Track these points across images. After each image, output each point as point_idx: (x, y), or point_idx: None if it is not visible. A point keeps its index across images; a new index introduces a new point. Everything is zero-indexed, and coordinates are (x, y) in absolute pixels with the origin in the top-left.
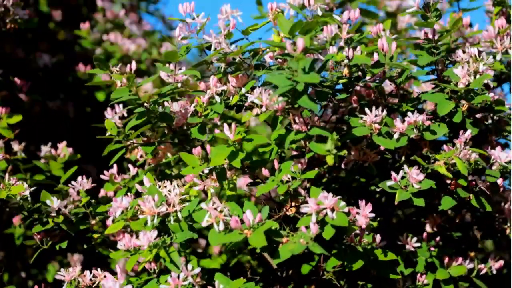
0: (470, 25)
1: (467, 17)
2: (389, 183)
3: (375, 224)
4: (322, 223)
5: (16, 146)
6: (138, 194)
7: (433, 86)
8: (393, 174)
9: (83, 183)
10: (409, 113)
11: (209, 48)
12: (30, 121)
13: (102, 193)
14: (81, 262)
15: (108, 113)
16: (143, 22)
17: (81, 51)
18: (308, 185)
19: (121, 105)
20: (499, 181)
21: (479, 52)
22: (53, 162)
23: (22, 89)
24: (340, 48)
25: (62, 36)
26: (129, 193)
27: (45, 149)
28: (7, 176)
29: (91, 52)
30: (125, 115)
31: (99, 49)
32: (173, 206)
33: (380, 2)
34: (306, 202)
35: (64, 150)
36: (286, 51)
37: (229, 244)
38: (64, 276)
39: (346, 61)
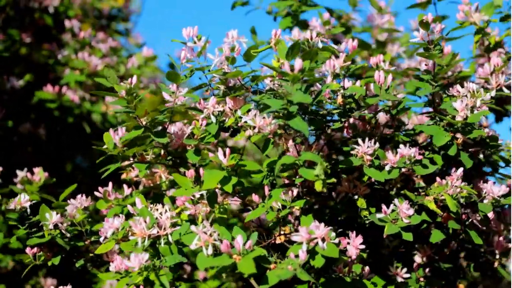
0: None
1: (448, 47)
2: (379, 215)
3: (365, 255)
4: (312, 252)
5: None
6: (129, 215)
7: (428, 118)
8: (384, 207)
9: (82, 200)
10: (401, 146)
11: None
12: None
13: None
14: (55, 286)
15: (112, 135)
16: (110, 39)
17: (51, 71)
18: (298, 214)
19: (123, 128)
20: (490, 214)
21: (477, 88)
22: (29, 186)
23: None
24: (336, 76)
25: (33, 58)
26: (120, 214)
27: (21, 174)
28: None
29: (61, 73)
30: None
31: (68, 69)
32: (164, 229)
33: (374, 30)
34: (296, 230)
35: (40, 174)
36: (283, 75)
37: (217, 268)
38: None
39: (342, 91)
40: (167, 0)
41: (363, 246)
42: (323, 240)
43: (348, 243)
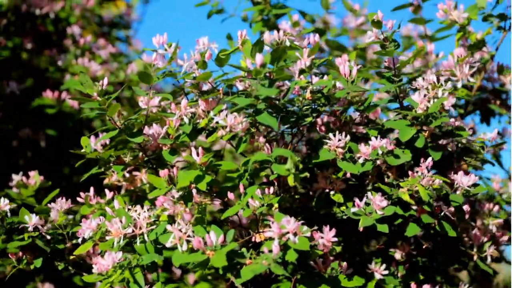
0: (437, 55)
1: (432, 45)
2: (353, 209)
3: (338, 248)
4: (285, 246)
5: None
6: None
7: (396, 114)
8: (357, 200)
9: (62, 203)
10: (373, 138)
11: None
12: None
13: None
14: None
15: (92, 140)
16: (110, 46)
17: (51, 77)
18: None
19: (104, 133)
20: (465, 207)
21: (438, 79)
22: (24, 190)
23: None
24: (302, 72)
25: (34, 64)
26: (102, 217)
27: (16, 178)
28: None
29: (59, 78)
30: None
31: (68, 75)
32: (140, 228)
33: (350, 33)
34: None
35: (35, 177)
36: (248, 71)
37: (192, 264)
38: None
39: (310, 86)
40: (168, 3)
41: (335, 239)
42: (294, 234)
43: (322, 237)
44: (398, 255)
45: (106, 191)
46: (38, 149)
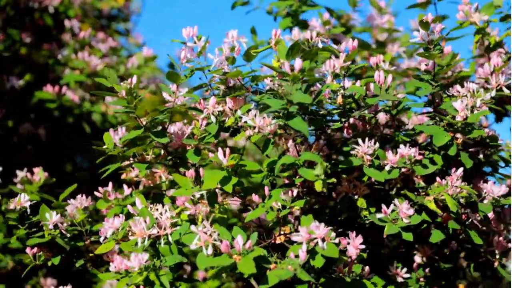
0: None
1: (449, 47)
2: (379, 215)
3: (365, 255)
4: (312, 252)
5: None
6: (129, 215)
7: (428, 118)
8: (384, 207)
9: (82, 200)
10: (401, 146)
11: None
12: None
13: None
14: (55, 286)
15: (113, 136)
16: (109, 39)
17: (51, 71)
18: (298, 213)
19: (123, 128)
20: (490, 214)
21: (477, 88)
22: (29, 186)
23: None
24: (336, 76)
25: (33, 58)
26: (120, 214)
27: (21, 174)
28: None
29: (61, 73)
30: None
31: (68, 69)
32: (164, 229)
33: (374, 30)
34: (296, 231)
35: (40, 174)
36: (283, 75)
37: (217, 269)
38: None
39: (341, 91)
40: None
41: (363, 246)
42: (323, 240)
43: (348, 243)
44: (418, 258)
45: (124, 186)
46: (39, 145)
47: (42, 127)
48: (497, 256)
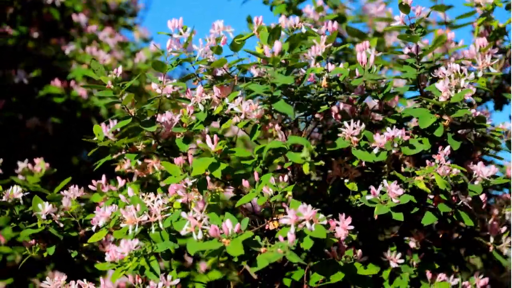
0: (456, 43)
1: (452, 33)
2: (368, 197)
3: (354, 236)
4: (300, 234)
5: None
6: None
7: (416, 101)
8: (372, 188)
9: (74, 191)
10: (388, 128)
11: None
12: (6, 138)
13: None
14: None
15: (104, 128)
16: (117, 34)
17: (58, 66)
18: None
19: (115, 121)
20: (482, 196)
21: (461, 68)
22: (30, 177)
23: None
24: (319, 59)
25: (40, 53)
26: (115, 205)
27: (22, 165)
28: None
29: (66, 67)
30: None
31: (75, 64)
32: (155, 216)
33: (369, 19)
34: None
35: (41, 164)
36: (265, 58)
37: (208, 252)
38: (49, 285)
39: (326, 74)
40: None
41: (351, 227)
42: (311, 222)
43: (337, 225)
44: (413, 243)
45: (118, 178)
46: (46, 139)
47: (49, 122)
48: (492, 240)
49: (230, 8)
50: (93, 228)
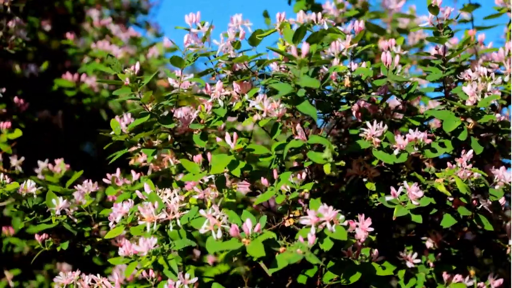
0: (483, 44)
1: (482, 34)
2: (388, 198)
3: (373, 238)
4: (320, 235)
5: (14, 161)
6: (138, 200)
7: (440, 103)
8: (392, 189)
9: (89, 185)
10: (410, 130)
11: (215, 57)
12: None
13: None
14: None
15: (120, 123)
16: (130, 29)
17: (69, 60)
18: (307, 197)
19: (129, 114)
20: (501, 201)
21: (488, 72)
22: (49, 177)
23: (21, 108)
24: (343, 58)
25: (52, 46)
26: (129, 199)
27: (42, 165)
28: (1, 176)
29: (79, 61)
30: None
31: (86, 58)
32: (173, 213)
33: (387, 16)
34: (305, 214)
35: (61, 165)
36: (290, 58)
37: (226, 252)
38: (62, 280)
39: (348, 73)
40: None
41: (371, 229)
42: (331, 223)
43: (357, 226)
44: (429, 243)
45: (132, 172)
46: (56, 133)
47: (59, 115)
48: (510, 243)
49: (239, 7)
50: (110, 224)
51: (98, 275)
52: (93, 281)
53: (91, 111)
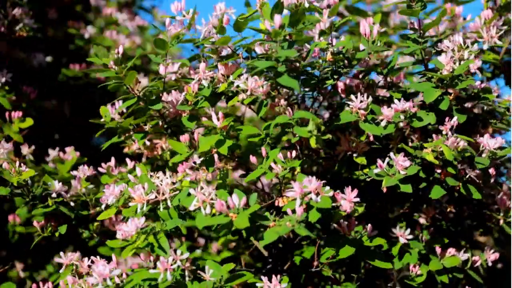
0: (464, 18)
1: (460, 8)
2: (376, 170)
3: (360, 209)
4: (308, 208)
5: (25, 150)
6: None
7: (421, 76)
8: (379, 161)
9: (84, 170)
10: (395, 101)
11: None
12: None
13: None
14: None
15: (110, 109)
16: (136, 18)
17: (75, 49)
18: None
19: (120, 102)
20: (490, 170)
21: (464, 41)
22: (61, 166)
23: (30, 96)
24: (322, 33)
25: (57, 35)
26: (124, 184)
27: (53, 153)
28: (17, 163)
29: (85, 50)
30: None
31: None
32: (163, 194)
33: None
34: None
35: (72, 153)
36: (268, 34)
37: (217, 227)
38: (63, 260)
39: (330, 48)
40: None
41: (357, 199)
42: (317, 194)
43: (344, 199)
44: (422, 219)
45: (127, 160)
46: (64, 121)
47: (66, 104)
48: (501, 214)
49: None
50: (103, 207)
51: (98, 257)
52: (92, 262)
53: (99, 101)
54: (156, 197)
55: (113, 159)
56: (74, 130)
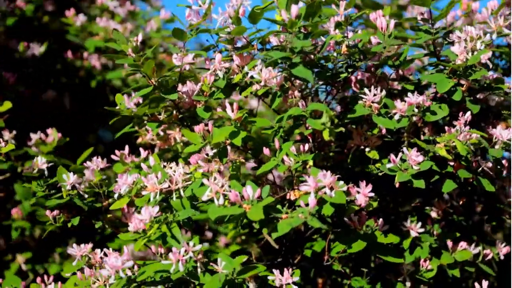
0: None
1: (476, 3)
2: (389, 165)
3: (375, 204)
4: (321, 201)
5: (6, 135)
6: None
7: (434, 67)
8: (392, 156)
9: (98, 162)
10: (409, 94)
11: (217, 34)
12: (20, 111)
13: None
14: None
15: (125, 98)
16: (127, 3)
17: (71, 39)
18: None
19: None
20: (504, 162)
21: (477, 32)
22: (43, 147)
23: (9, 81)
24: (338, 26)
25: (53, 26)
26: (137, 173)
27: (35, 136)
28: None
29: (82, 39)
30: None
31: (87, 35)
32: (176, 183)
33: None
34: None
35: (54, 134)
36: (284, 25)
37: (229, 218)
38: (75, 252)
39: (345, 41)
40: None
41: (372, 194)
42: (331, 188)
43: (358, 192)
44: (434, 213)
45: (141, 150)
46: (63, 112)
47: (66, 95)
48: None
49: None
50: (115, 196)
51: (110, 249)
52: (105, 254)
53: (96, 90)
54: (169, 186)
55: (127, 147)
56: (77, 123)
